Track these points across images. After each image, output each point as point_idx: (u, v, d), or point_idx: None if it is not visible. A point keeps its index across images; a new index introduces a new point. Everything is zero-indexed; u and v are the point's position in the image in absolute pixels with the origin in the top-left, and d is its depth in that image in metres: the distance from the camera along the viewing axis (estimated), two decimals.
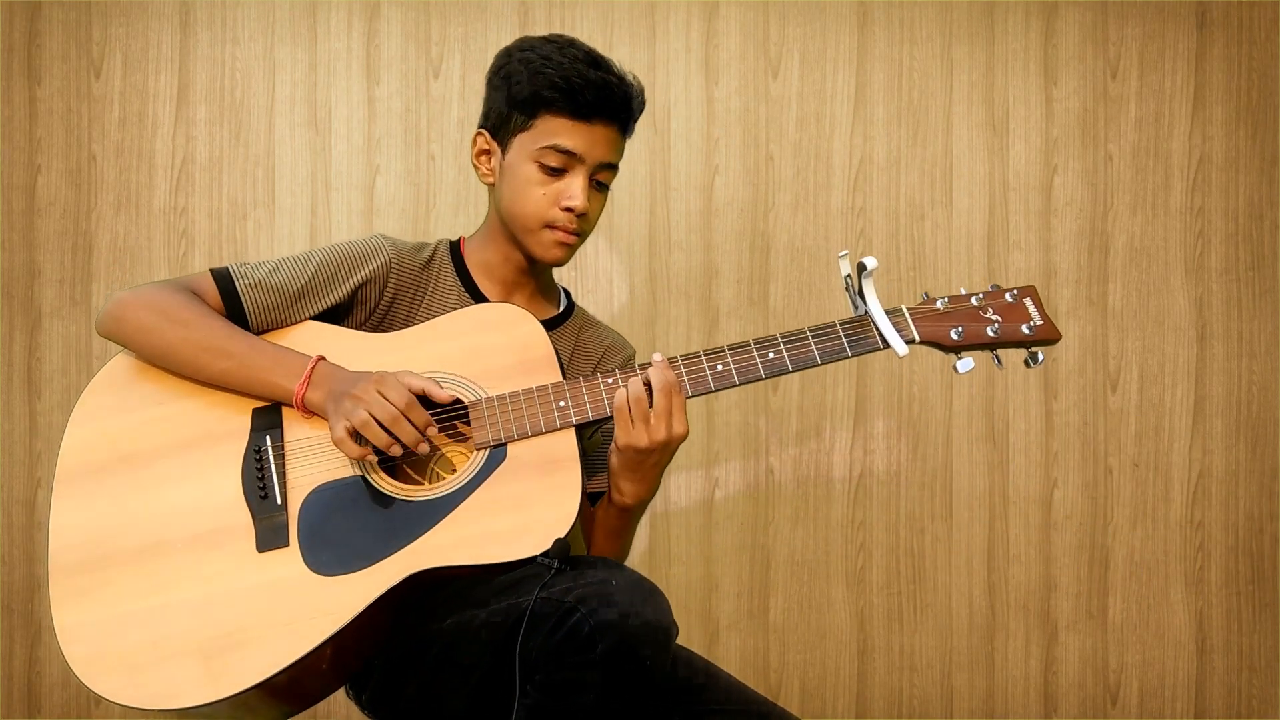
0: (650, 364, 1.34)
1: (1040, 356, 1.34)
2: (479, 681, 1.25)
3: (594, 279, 2.29)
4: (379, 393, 1.28)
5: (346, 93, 2.28)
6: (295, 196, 2.27)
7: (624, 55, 2.29)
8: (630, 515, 1.43)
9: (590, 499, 1.49)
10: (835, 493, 2.32)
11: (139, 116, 2.26)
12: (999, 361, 1.37)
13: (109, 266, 2.25)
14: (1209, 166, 2.34)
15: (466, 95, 2.28)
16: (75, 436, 1.36)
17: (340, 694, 1.43)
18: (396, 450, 1.29)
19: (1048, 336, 1.35)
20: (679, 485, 2.31)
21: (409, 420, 1.28)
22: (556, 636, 1.14)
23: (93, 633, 1.25)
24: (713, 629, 2.29)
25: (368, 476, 1.33)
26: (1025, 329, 1.34)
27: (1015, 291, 1.36)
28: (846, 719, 2.31)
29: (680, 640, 1.52)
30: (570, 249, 1.47)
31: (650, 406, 1.31)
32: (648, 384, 1.31)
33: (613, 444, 1.35)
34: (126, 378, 1.39)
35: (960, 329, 1.34)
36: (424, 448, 1.29)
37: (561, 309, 1.58)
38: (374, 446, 1.29)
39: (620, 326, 2.27)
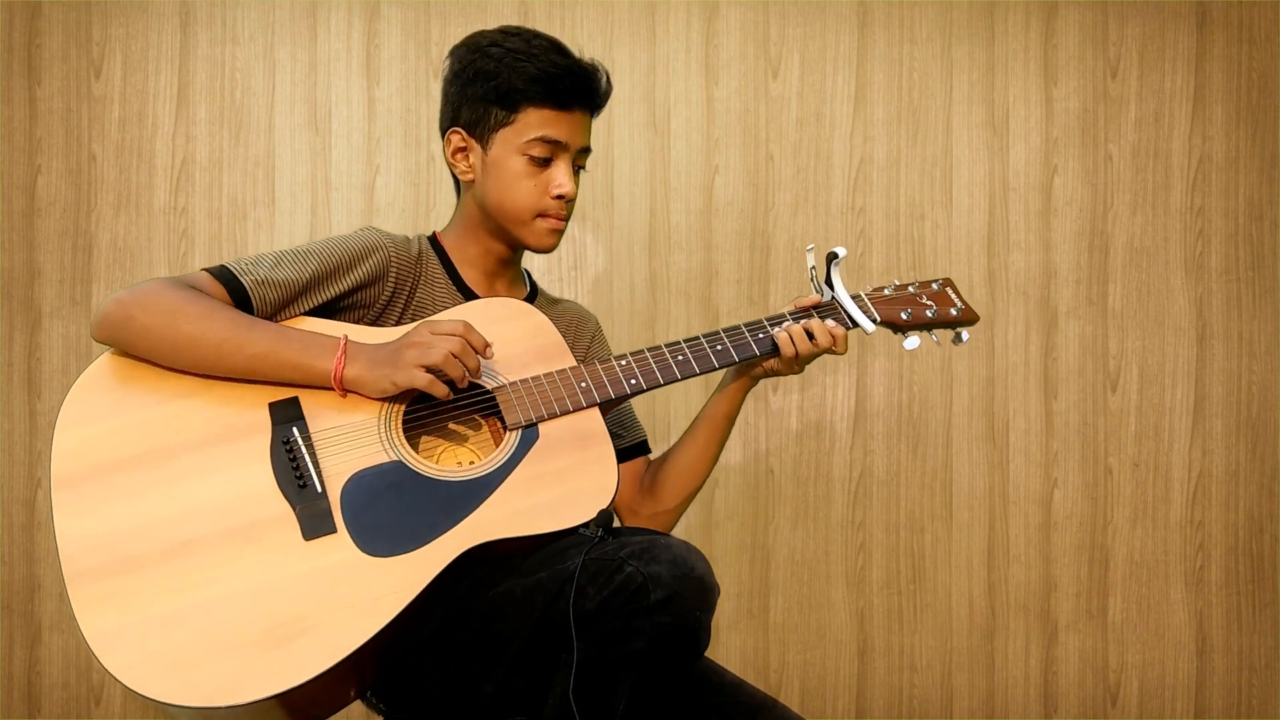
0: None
1: (965, 336, 1.55)
2: (515, 656, 1.25)
3: (594, 279, 2.29)
4: (433, 332, 1.32)
5: (346, 93, 2.28)
6: (295, 196, 2.27)
7: (624, 55, 2.29)
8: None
9: (635, 451, 1.64)
10: (835, 493, 2.32)
11: (139, 116, 2.26)
12: (936, 339, 1.59)
13: (109, 266, 2.25)
14: (1209, 166, 2.34)
15: None
16: (67, 440, 1.33)
17: None
18: (466, 381, 1.34)
19: (969, 318, 1.57)
20: None
21: (471, 345, 1.34)
22: (609, 588, 1.17)
23: (132, 637, 1.21)
24: (713, 629, 2.29)
25: (405, 461, 1.33)
26: (953, 311, 1.57)
27: (939, 282, 1.59)
28: (846, 719, 2.31)
29: None
30: (560, 234, 1.53)
31: (811, 343, 1.47)
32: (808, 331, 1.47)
33: (749, 370, 1.51)
34: (114, 379, 1.37)
35: (908, 311, 1.54)
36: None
37: (529, 291, 1.63)
38: (450, 383, 1.33)
39: (620, 326, 2.27)
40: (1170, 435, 2.34)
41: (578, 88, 1.47)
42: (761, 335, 1.48)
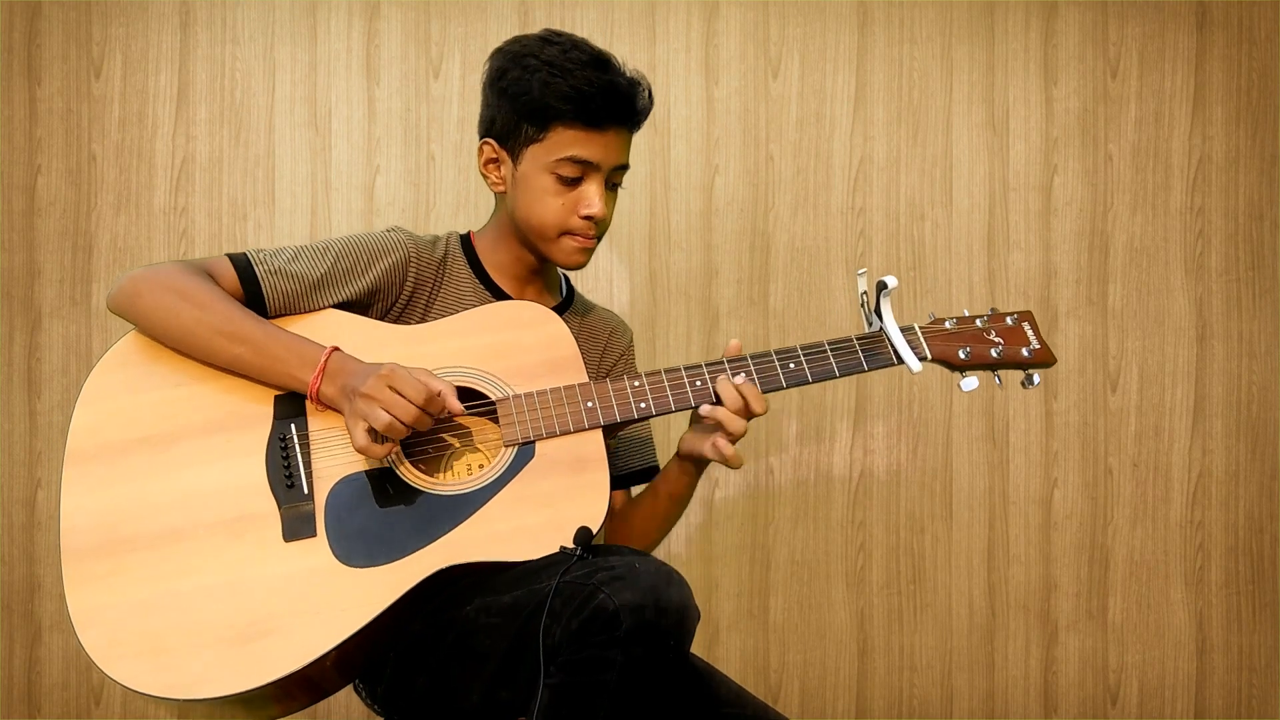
0: (723, 367, 1.39)
1: (1036, 379, 1.42)
2: (495, 671, 1.25)
3: (594, 279, 2.29)
4: (392, 389, 1.27)
5: (346, 93, 2.28)
6: (295, 196, 2.27)
7: (624, 55, 2.27)
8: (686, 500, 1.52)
9: (627, 480, 1.57)
10: (835, 493, 2.32)
11: (139, 116, 2.26)
12: (1000, 381, 1.45)
13: (109, 266, 2.25)
14: (1209, 166, 2.34)
15: (466, 95, 2.28)
16: (85, 416, 1.34)
17: (342, 691, 1.43)
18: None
19: (1044, 360, 1.43)
20: None
21: (428, 414, 1.28)
22: (581, 616, 1.14)
23: (111, 617, 1.22)
24: (713, 629, 2.29)
25: (395, 468, 1.32)
26: (1025, 352, 1.42)
27: (1015, 316, 1.44)
28: (846, 719, 2.31)
29: None
30: (590, 252, 1.49)
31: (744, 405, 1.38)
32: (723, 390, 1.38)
33: (701, 444, 1.40)
34: (138, 357, 1.37)
35: (968, 349, 1.41)
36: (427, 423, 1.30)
37: (564, 297, 1.60)
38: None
39: None
40: (1170, 435, 2.34)
41: (612, 106, 1.41)
42: (793, 366, 1.39)
